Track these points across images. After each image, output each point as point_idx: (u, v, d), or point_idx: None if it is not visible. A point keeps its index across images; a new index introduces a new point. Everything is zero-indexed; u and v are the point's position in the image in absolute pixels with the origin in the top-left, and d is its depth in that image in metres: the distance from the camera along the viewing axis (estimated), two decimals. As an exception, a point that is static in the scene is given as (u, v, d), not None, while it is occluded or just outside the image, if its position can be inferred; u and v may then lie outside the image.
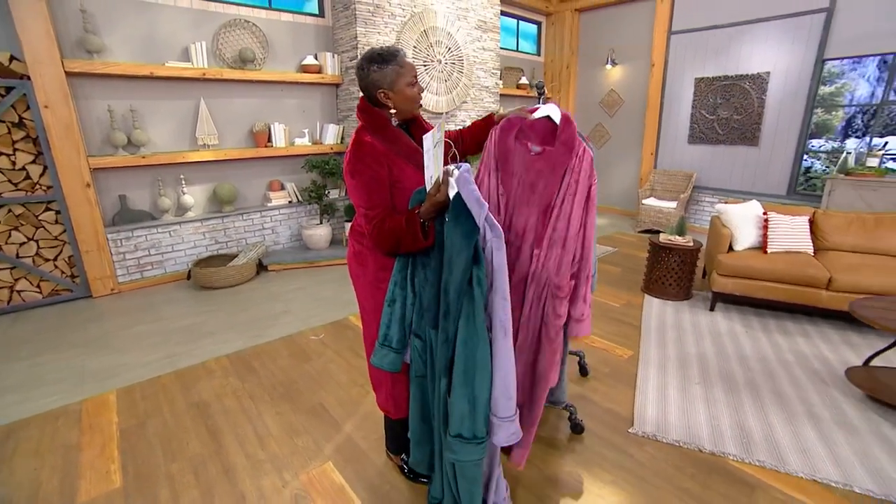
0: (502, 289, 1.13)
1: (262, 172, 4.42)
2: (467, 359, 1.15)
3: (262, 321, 3.13)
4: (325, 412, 2.13)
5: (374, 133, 1.34)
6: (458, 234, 1.11)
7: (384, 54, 1.31)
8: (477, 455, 1.19)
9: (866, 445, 1.90)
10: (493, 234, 1.11)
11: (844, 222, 3.23)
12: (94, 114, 3.46)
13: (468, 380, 1.16)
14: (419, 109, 1.42)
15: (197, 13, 3.77)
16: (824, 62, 4.54)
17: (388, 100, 1.34)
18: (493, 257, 1.12)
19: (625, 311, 3.26)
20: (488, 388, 1.17)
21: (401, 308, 1.38)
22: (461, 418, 1.18)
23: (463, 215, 1.10)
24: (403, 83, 1.33)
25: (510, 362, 1.17)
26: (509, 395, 1.18)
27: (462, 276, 1.11)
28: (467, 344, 1.14)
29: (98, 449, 1.88)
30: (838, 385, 2.32)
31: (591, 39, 6.55)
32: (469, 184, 1.10)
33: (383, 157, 1.32)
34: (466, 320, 1.13)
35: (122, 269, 3.69)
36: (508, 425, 1.19)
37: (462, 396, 1.17)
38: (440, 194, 1.16)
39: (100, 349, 2.73)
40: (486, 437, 1.20)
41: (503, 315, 1.14)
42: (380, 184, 1.31)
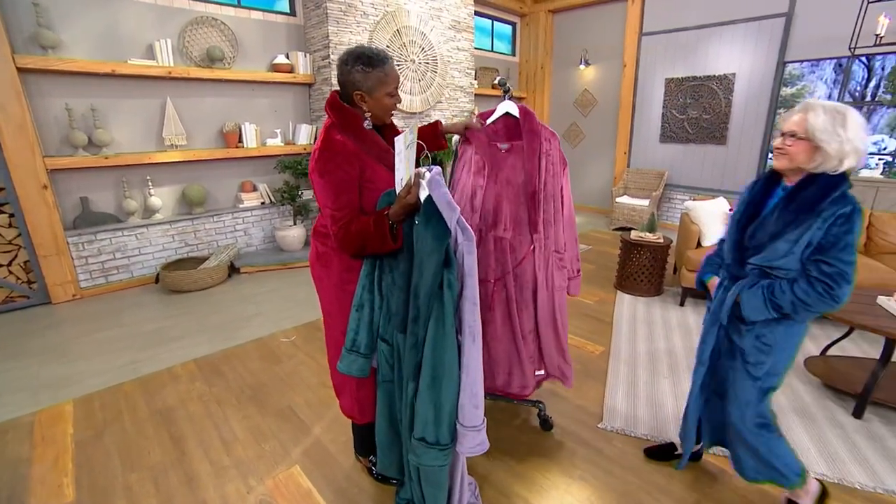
0: (472, 294, 1.11)
1: (234, 173, 4.32)
2: (435, 363, 1.13)
3: (233, 324, 3.05)
4: (293, 415, 2.09)
5: (345, 131, 1.29)
6: (430, 237, 1.09)
7: (374, 58, 1.25)
8: (439, 461, 1.18)
9: (821, 432, 1.97)
10: (465, 237, 1.09)
11: (804, 218, 3.34)
12: (51, 112, 3.32)
13: (435, 384, 1.14)
14: (391, 118, 1.39)
15: (161, 9, 3.66)
16: (785, 64, 4.71)
17: (364, 103, 1.30)
18: (464, 261, 1.10)
19: (598, 308, 3.31)
20: (455, 394, 1.15)
21: (369, 313, 1.35)
22: (425, 423, 1.16)
23: (434, 218, 1.08)
24: (383, 91, 1.28)
25: (478, 370, 1.14)
26: (475, 404, 1.15)
27: (433, 279, 1.10)
28: (436, 348, 1.12)
29: (50, 462, 1.80)
30: (798, 375, 2.40)
31: (565, 40, 6.64)
32: (441, 186, 1.08)
33: (354, 156, 1.27)
34: (436, 324, 1.12)
35: (84, 274, 3.55)
36: (474, 435, 1.16)
37: (428, 401, 1.15)
38: (410, 196, 1.14)
39: (57, 357, 2.61)
40: (450, 444, 1.18)
41: (472, 320, 1.12)
42: (349, 185, 1.26)
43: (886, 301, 2.14)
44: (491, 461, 1.80)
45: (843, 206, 1.16)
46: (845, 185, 1.18)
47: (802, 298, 1.22)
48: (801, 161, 1.21)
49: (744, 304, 1.33)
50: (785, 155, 1.23)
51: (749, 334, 1.37)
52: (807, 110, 1.18)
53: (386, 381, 1.38)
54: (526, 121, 1.64)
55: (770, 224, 1.27)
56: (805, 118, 1.17)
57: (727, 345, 1.45)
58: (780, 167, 1.27)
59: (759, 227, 1.30)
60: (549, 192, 1.68)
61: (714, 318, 1.46)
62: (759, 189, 1.36)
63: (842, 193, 1.17)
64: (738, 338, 1.40)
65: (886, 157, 4.40)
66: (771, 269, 1.29)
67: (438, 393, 1.13)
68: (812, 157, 1.19)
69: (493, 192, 1.68)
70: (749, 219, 1.35)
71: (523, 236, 1.70)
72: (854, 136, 1.13)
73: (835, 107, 1.16)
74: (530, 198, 1.67)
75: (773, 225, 1.25)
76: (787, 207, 1.24)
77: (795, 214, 1.21)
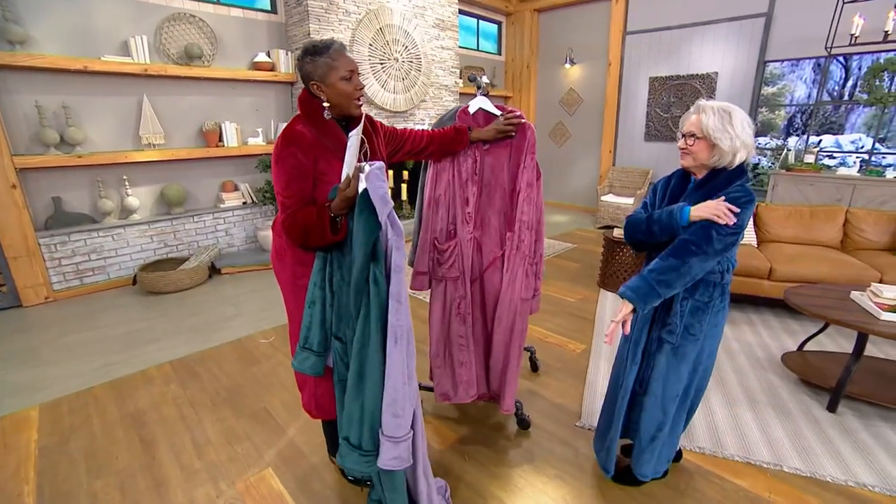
0: (396, 291, 1.07)
1: (214, 173, 4.25)
2: (360, 362, 1.11)
3: (211, 325, 2.99)
4: (269, 417, 2.05)
5: (307, 123, 1.32)
6: (360, 230, 1.08)
7: (318, 46, 1.28)
8: (361, 467, 1.13)
9: (797, 426, 1.99)
10: (395, 232, 1.07)
11: (784, 215, 3.39)
12: (20, 109, 3.22)
13: (360, 383, 1.11)
14: (357, 109, 1.36)
15: (137, 5, 3.58)
16: (766, 64, 4.77)
17: (321, 92, 1.31)
18: (392, 257, 1.08)
19: (580, 307, 3.31)
20: (377, 396, 1.10)
21: (321, 310, 1.31)
22: (349, 422, 1.13)
23: (366, 211, 1.07)
24: (336, 77, 1.28)
25: (399, 374, 1.08)
26: (395, 412, 1.08)
27: (360, 273, 1.09)
28: (362, 346, 1.10)
29: (11, 470, 1.74)
30: (776, 370, 2.42)
31: (550, 39, 6.65)
32: (378, 180, 1.06)
33: (310, 147, 1.29)
34: (363, 321, 1.09)
35: (57, 276, 3.46)
36: (391, 446, 1.09)
37: (354, 400, 1.12)
38: (350, 189, 1.14)
39: (25, 362, 2.54)
40: (372, 451, 1.13)
41: (394, 319, 1.07)
42: (302, 173, 1.28)
43: (859, 296, 2.16)
44: (466, 461, 1.78)
45: (741, 192, 1.30)
46: (743, 178, 1.33)
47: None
48: (703, 158, 1.33)
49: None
50: (689, 154, 1.35)
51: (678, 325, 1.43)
52: (699, 112, 1.31)
53: (342, 379, 1.33)
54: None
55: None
56: (699, 119, 1.30)
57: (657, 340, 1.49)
58: (686, 165, 1.40)
59: None
60: (529, 195, 1.66)
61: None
62: (675, 184, 1.47)
63: (739, 185, 1.32)
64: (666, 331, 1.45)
65: (863, 155, 4.47)
66: None
67: (362, 392, 1.10)
68: (711, 154, 1.31)
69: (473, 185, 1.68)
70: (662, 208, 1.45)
71: (492, 238, 1.69)
72: (741, 132, 1.26)
73: (721, 106, 1.29)
74: (509, 196, 1.66)
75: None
76: (696, 193, 1.37)
77: (704, 199, 1.34)
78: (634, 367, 1.50)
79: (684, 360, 1.44)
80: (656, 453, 1.54)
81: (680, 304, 1.40)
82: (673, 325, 1.41)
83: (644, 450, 1.54)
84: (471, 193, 1.66)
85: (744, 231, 1.31)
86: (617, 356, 1.63)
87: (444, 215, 1.71)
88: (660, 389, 1.47)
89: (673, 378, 1.45)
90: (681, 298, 1.40)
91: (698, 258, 1.28)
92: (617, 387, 1.58)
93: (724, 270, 1.38)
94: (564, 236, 5.37)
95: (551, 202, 7.18)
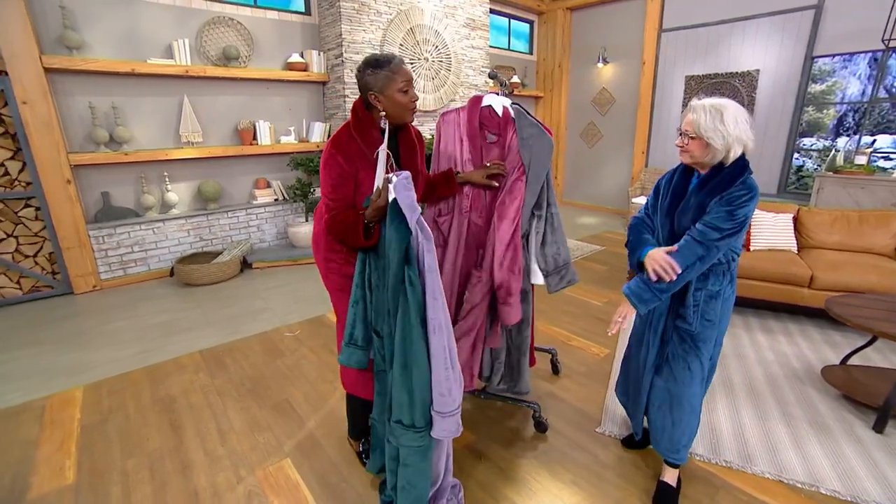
0: (431, 288, 1.17)
1: (248, 170, 4.41)
2: (404, 352, 1.20)
3: (241, 318, 3.11)
4: (290, 408, 2.11)
5: (355, 132, 1.40)
6: (394, 237, 1.18)
7: (380, 60, 1.36)
8: (416, 442, 1.24)
9: (837, 446, 1.86)
10: (424, 236, 1.16)
11: (829, 220, 3.19)
12: (76, 110, 3.46)
13: (406, 372, 1.21)
14: (411, 117, 1.44)
15: (180, 10, 3.76)
16: (814, 59, 4.49)
17: (378, 102, 1.38)
18: (423, 258, 1.17)
19: (605, 310, 3.23)
20: (424, 381, 1.21)
21: (363, 308, 1.42)
22: (400, 407, 1.24)
23: (397, 219, 1.17)
24: (394, 88, 1.36)
25: (440, 360, 1.19)
26: (441, 392, 1.20)
27: (395, 276, 1.19)
28: (404, 339, 1.20)
29: (56, 445, 1.86)
30: (815, 384, 2.28)
31: (583, 38, 6.52)
32: (406, 189, 1.15)
33: (354, 157, 1.38)
34: (403, 318, 1.19)
35: (104, 266, 3.68)
36: (441, 421, 1.22)
37: (402, 387, 1.23)
38: (381, 199, 1.23)
39: (73, 345, 2.72)
40: (425, 427, 1.24)
41: (432, 314, 1.17)
42: (346, 180, 1.37)
43: (912, 308, 2.01)
44: (481, 462, 1.77)
45: (742, 190, 1.31)
46: (745, 174, 1.33)
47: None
48: (699, 156, 1.35)
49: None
50: (686, 152, 1.38)
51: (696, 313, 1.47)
52: (691, 112, 1.34)
53: (380, 370, 1.44)
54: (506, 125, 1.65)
55: (690, 210, 1.40)
56: (691, 118, 1.33)
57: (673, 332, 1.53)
58: (686, 163, 1.42)
59: (682, 214, 1.43)
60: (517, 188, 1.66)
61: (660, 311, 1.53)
62: (677, 181, 1.47)
63: (741, 182, 1.32)
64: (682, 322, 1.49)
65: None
66: None
67: (410, 379, 1.20)
68: (706, 152, 1.33)
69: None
70: (675, 208, 1.46)
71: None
72: (733, 128, 1.27)
73: (713, 104, 1.30)
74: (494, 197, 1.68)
75: (693, 211, 1.39)
76: (700, 193, 1.38)
77: (706, 198, 1.36)
78: (654, 351, 1.57)
79: (705, 345, 1.47)
80: (692, 437, 1.57)
81: (693, 295, 1.44)
82: (688, 315, 1.46)
83: (681, 436, 1.55)
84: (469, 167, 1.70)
85: (746, 227, 1.33)
86: (634, 335, 1.70)
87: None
88: (688, 377, 1.49)
89: (697, 365, 1.48)
90: (694, 290, 1.44)
91: (701, 262, 1.34)
92: (637, 363, 1.64)
93: (731, 259, 1.43)
94: (593, 238, 5.25)
95: (580, 203, 7.04)
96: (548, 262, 1.80)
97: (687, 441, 1.56)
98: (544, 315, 3.13)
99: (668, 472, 1.62)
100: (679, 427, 1.54)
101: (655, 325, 1.55)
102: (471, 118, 1.70)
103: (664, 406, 1.56)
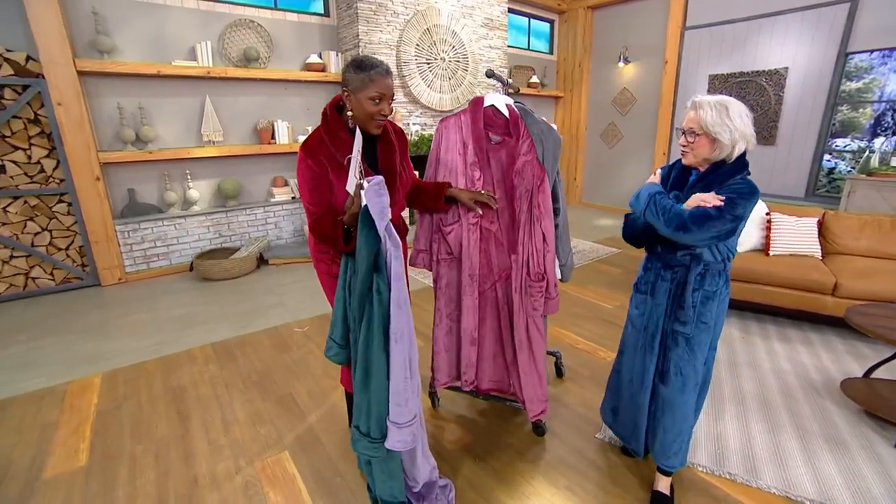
0: (396, 297, 1.16)
1: (266, 168, 4.53)
2: (365, 360, 1.21)
3: (253, 312, 3.20)
4: (293, 402, 2.15)
5: (326, 135, 1.39)
6: (363, 243, 1.17)
7: (365, 63, 1.34)
8: (371, 452, 1.24)
9: (854, 463, 1.77)
10: (392, 243, 1.16)
11: (857, 224, 3.03)
12: (105, 111, 3.62)
13: (366, 380, 1.22)
14: (375, 129, 1.41)
15: (203, 14, 3.89)
16: (848, 56, 4.27)
17: (349, 101, 1.37)
18: (392, 266, 1.16)
19: (615, 313, 3.16)
20: (382, 392, 1.20)
21: (342, 307, 1.42)
22: (359, 413, 1.26)
23: (367, 226, 1.16)
24: (366, 94, 1.33)
25: (400, 370, 1.18)
26: (397, 402, 1.19)
27: (363, 283, 1.19)
28: (366, 348, 1.20)
29: (73, 428, 1.96)
30: (834, 397, 2.17)
31: (604, 37, 6.40)
32: (377, 195, 1.13)
33: (324, 160, 1.37)
34: (367, 325, 1.20)
35: (129, 260, 3.85)
36: (397, 431, 1.21)
37: (361, 394, 1.24)
38: (354, 206, 1.23)
39: (96, 335, 2.85)
40: (379, 439, 1.24)
41: (395, 323, 1.17)
42: (319, 183, 1.37)
43: (940, 320, 1.89)
44: (475, 463, 1.76)
45: (742, 184, 1.30)
46: (745, 172, 1.33)
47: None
48: (704, 154, 1.33)
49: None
50: (690, 152, 1.36)
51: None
52: (697, 108, 1.32)
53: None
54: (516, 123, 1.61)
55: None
56: (698, 115, 1.31)
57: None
58: (688, 163, 1.40)
59: None
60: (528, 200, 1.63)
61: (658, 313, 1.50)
62: (675, 177, 1.46)
63: (741, 178, 1.32)
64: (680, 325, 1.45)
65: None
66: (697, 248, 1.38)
67: (368, 388, 1.20)
68: (712, 149, 1.32)
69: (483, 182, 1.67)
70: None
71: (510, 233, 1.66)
72: (740, 123, 1.27)
73: (717, 100, 1.30)
74: (510, 199, 1.64)
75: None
76: (698, 186, 1.37)
77: (705, 191, 1.34)
78: (653, 358, 1.52)
79: (700, 349, 1.44)
80: (685, 443, 1.54)
81: (692, 295, 1.42)
82: (687, 318, 1.43)
83: (671, 442, 1.51)
84: (476, 178, 1.65)
85: (743, 224, 1.31)
86: (627, 345, 1.63)
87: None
88: (680, 382, 1.47)
89: (690, 369, 1.46)
90: (692, 290, 1.42)
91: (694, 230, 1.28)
92: (632, 376, 1.59)
93: (726, 259, 1.42)
94: (608, 241, 5.15)
95: (599, 205, 6.91)
96: (564, 252, 1.82)
97: (678, 448, 1.52)
98: (553, 317, 3.09)
99: (661, 479, 1.58)
100: (670, 433, 1.50)
101: (653, 332, 1.51)
102: (475, 120, 1.67)
103: (657, 412, 1.53)
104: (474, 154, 1.66)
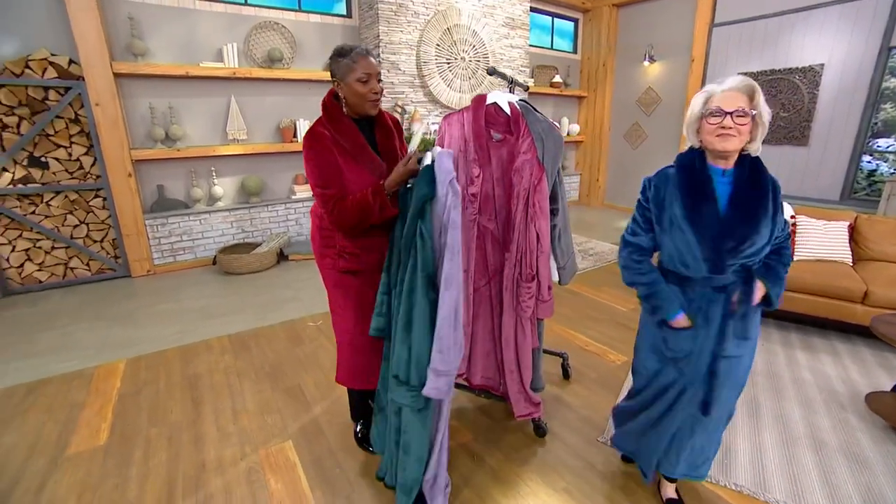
0: (450, 244, 1.22)
1: (288, 166, 4.65)
2: (408, 308, 1.25)
3: (270, 306, 3.30)
4: (300, 394, 2.21)
5: (327, 124, 1.44)
6: (415, 195, 1.24)
7: (343, 49, 1.39)
8: (408, 400, 1.28)
9: (875, 481, 1.67)
10: (453, 193, 1.22)
11: (893, 229, 2.85)
12: (138, 111, 3.81)
13: (408, 327, 1.25)
14: (373, 109, 1.45)
15: (230, 17, 4.04)
16: (891, 50, 4.03)
17: (339, 89, 1.42)
18: (449, 214, 1.22)
19: (629, 316, 3.09)
20: (424, 338, 1.24)
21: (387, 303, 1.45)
22: (398, 362, 1.29)
23: (423, 181, 1.25)
24: (353, 78, 1.38)
25: (448, 316, 1.21)
26: (439, 348, 1.23)
27: (408, 229, 1.24)
28: (409, 293, 1.25)
29: (96, 409, 2.09)
30: (859, 411, 2.06)
31: (630, 35, 6.25)
32: (448, 158, 1.26)
33: (330, 146, 1.41)
34: (411, 272, 1.25)
35: (157, 253, 4.04)
36: (435, 378, 1.24)
37: (402, 342, 1.28)
38: (411, 163, 1.32)
39: (125, 323, 3.01)
40: (418, 387, 1.27)
41: (448, 267, 1.22)
42: (331, 165, 1.41)
43: (976, 333, 1.76)
44: (473, 461, 1.77)
45: (773, 177, 1.23)
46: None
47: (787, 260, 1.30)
48: (746, 139, 1.17)
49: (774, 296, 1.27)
50: (735, 136, 1.14)
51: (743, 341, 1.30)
52: (753, 87, 1.15)
53: (385, 336, 1.47)
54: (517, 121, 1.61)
55: (745, 215, 1.18)
56: (756, 96, 1.15)
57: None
58: (731, 148, 1.16)
59: (732, 223, 1.18)
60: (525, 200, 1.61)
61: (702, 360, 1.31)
62: (694, 181, 1.22)
63: (773, 176, 1.23)
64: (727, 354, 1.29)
65: None
66: (751, 260, 1.22)
67: (409, 335, 1.25)
68: (753, 135, 1.18)
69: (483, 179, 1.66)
70: (706, 217, 1.19)
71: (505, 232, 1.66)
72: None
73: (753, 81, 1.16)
74: (508, 197, 1.63)
75: (751, 215, 1.18)
76: (751, 191, 1.19)
77: (759, 196, 1.19)
78: (699, 395, 1.31)
79: (745, 369, 1.33)
80: (709, 463, 1.48)
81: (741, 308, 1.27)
82: (749, 334, 1.29)
83: (703, 453, 1.44)
84: (475, 175, 1.64)
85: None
86: (657, 392, 1.42)
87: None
88: (723, 411, 1.37)
89: (735, 395, 1.36)
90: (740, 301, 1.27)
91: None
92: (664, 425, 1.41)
93: None
94: (629, 243, 5.03)
95: (622, 207, 6.76)
96: (563, 254, 1.79)
97: (709, 454, 1.45)
98: (565, 318, 3.06)
99: (668, 486, 1.54)
100: (706, 450, 1.43)
101: (705, 364, 1.29)
102: (476, 116, 1.67)
103: (684, 437, 1.39)
104: (474, 150, 1.66)
